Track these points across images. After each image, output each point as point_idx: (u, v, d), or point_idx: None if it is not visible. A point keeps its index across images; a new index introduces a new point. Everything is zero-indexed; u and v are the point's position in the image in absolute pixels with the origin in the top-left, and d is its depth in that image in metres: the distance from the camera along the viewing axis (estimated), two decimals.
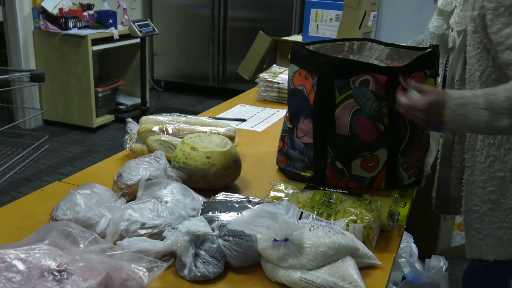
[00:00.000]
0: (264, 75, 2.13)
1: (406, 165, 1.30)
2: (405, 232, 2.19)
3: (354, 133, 1.22)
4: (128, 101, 4.62)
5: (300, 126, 1.31)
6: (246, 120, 1.87)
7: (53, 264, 0.76)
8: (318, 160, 1.28)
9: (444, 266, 1.91)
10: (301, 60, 1.29)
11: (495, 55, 1.18)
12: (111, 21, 4.16)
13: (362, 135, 1.22)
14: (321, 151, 1.26)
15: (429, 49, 1.26)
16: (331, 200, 1.07)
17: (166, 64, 5.41)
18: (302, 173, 1.32)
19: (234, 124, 1.79)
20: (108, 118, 4.37)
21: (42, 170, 3.44)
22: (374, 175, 1.27)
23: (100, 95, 4.24)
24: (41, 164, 3.49)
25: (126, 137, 1.47)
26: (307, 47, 1.31)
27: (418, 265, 1.94)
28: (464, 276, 1.52)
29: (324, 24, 2.53)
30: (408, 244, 1.96)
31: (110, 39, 4.14)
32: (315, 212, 1.04)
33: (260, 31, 2.72)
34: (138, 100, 4.46)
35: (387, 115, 1.22)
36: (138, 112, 4.36)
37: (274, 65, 2.26)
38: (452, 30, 1.33)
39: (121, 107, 4.56)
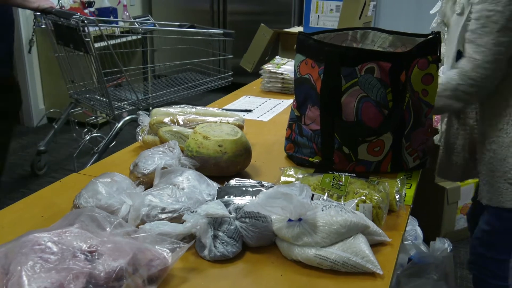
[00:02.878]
0: (267, 67, 2.17)
1: (411, 149, 1.35)
2: (410, 216, 2.25)
3: (360, 119, 1.26)
4: (131, 96, 4.64)
5: (308, 113, 1.35)
6: (252, 110, 1.92)
7: (84, 246, 0.81)
8: (325, 146, 1.32)
9: (448, 248, 1.96)
10: (307, 50, 1.33)
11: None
12: (112, 17, 4.20)
13: (368, 120, 1.26)
14: (328, 137, 1.31)
15: (431, 36, 1.31)
16: (341, 183, 1.12)
17: (167, 59, 5.43)
18: (310, 159, 1.37)
19: (241, 115, 1.84)
20: None
21: (50, 166, 3.48)
22: (380, 159, 1.32)
23: None
24: (47, 161, 3.53)
25: (138, 129, 1.51)
26: (312, 37, 1.36)
27: (423, 248, 1.99)
28: (472, 243, 1.62)
29: (324, 15, 2.57)
30: (413, 227, 2.01)
31: (111, 35, 4.17)
32: (326, 194, 1.09)
33: (262, 24, 2.76)
34: (141, 96, 4.49)
35: (392, 101, 1.26)
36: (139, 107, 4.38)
37: (277, 57, 2.30)
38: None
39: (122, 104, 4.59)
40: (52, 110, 4.29)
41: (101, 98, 3.06)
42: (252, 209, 0.96)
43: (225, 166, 1.27)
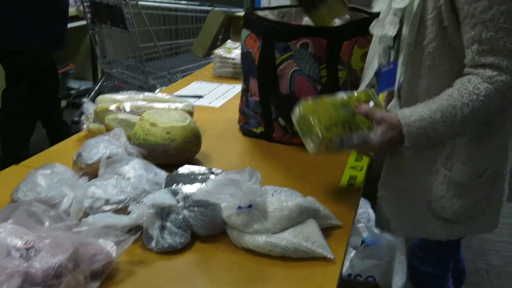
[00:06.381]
0: (219, 51, 2.13)
1: None
2: (362, 199, 2.27)
3: (293, 92, 1.32)
4: (79, 85, 4.51)
5: (250, 85, 1.42)
6: (203, 96, 1.88)
7: (19, 242, 0.76)
8: (265, 116, 1.40)
9: None
10: (251, 25, 1.39)
11: (450, 26, 1.02)
12: None
13: (302, 94, 1.29)
14: (266, 108, 1.38)
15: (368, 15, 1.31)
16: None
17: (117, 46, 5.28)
18: (254, 129, 1.45)
19: (191, 101, 1.80)
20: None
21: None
22: None
23: None
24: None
25: (83, 117, 1.45)
26: (266, 11, 1.45)
27: (375, 230, 2.01)
28: (409, 250, 1.52)
29: None
30: (365, 210, 2.03)
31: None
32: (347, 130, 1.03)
33: (212, 8, 2.71)
34: (90, 84, 4.35)
35: (326, 77, 1.29)
36: (90, 96, 4.26)
37: (229, 41, 2.26)
38: None
39: (72, 92, 4.45)
40: None
41: (137, 70, 3.42)
42: (201, 197, 0.93)
43: (174, 153, 1.23)
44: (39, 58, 2.76)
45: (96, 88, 3.78)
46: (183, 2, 3.58)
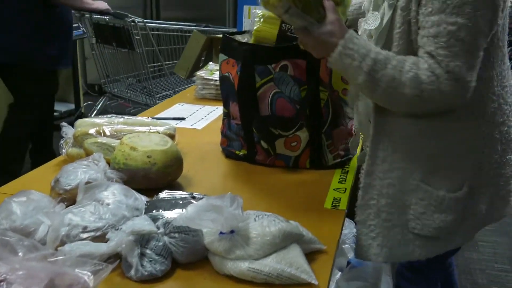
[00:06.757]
0: (201, 73, 2.12)
1: (333, 147, 1.38)
2: (347, 219, 2.26)
3: (274, 113, 1.32)
4: (61, 107, 4.46)
5: (231, 109, 1.41)
6: (185, 118, 1.86)
7: None
8: (248, 139, 1.39)
9: None
10: (229, 50, 1.39)
11: (414, 37, 1.06)
12: None
13: (282, 115, 1.31)
14: (248, 131, 1.38)
15: None
16: None
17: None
18: (237, 152, 1.44)
19: (173, 123, 1.78)
20: None
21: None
22: (298, 154, 1.37)
23: None
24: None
25: (62, 142, 1.42)
26: (238, 36, 1.44)
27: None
28: (396, 271, 1.50)
29: None
30: (351, 230, 2.02)
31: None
32: None
33: (194, 30, 2.70)
34: (72, 106, 4.32)
35: (306, 97, 1.30)
36: (73, 118, 4.22)
37: (211, 63, 2.25)
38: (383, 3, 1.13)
39: (55, 114, 4.39)
40: None
41: (141, 89, 3.66)
42: (181, 223, 0.91)
43: (154, 178, 1.21)
44: (42, 77, 2.75)
45: (98, 107, 3.92)
46: (181, 23, 3.78)
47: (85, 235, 0.93)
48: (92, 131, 1.39)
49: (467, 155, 1.12)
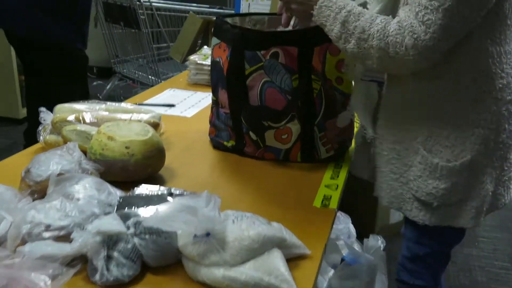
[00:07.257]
0: (194, 58, 2.03)
1: (325, 139, 1.29)
2: (342, 213, 2.18)
3: (264, 104, 1.23)
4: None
5: (220, 96, 1.32)
6: (175, 105, 1.78)
7: None
8: (236, 130, 1.31)
9: (382, 246, 1.91)
10: (221, 33, 1.30)
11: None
12: None
13: (272, 104, 1.23)
14: (237, 121, 1.29)
15: None
16: None
17: (98, 49, 5.16)
18: (225, 142, 1.35)
19: (162, 110, 1.70)
20: None
21: None
22: (289, 147, 1.28)
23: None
24: None
25: (40, 128, 1.34)
26: (236, 19, 1.37)
27: (356, 246, 1.93)
28: (398, 263, 1.45)
29: (255, 3, 2.46)
30: (346, 225, 1.95)
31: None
32: None
33: (191, 12, 2.62)
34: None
35: (298, 88, 1.21)
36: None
37: (205, 47, 2.16)
38: None
39: None
40: None
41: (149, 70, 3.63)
42: (151, 224, 0.83)
43: (133, 170, 1.13)
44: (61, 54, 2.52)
45: (108, 87, 3.93)
46: (194, 4, 3.75)
47: (47, 234, 0.85)
48: (71, 117, 1.31)
49: (471, 129, 1.11)
